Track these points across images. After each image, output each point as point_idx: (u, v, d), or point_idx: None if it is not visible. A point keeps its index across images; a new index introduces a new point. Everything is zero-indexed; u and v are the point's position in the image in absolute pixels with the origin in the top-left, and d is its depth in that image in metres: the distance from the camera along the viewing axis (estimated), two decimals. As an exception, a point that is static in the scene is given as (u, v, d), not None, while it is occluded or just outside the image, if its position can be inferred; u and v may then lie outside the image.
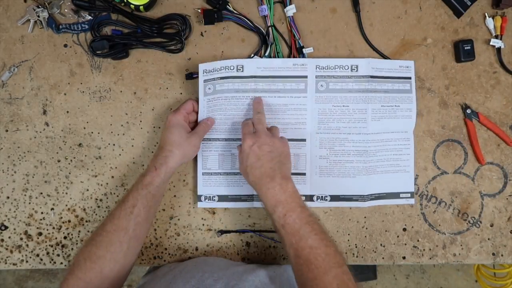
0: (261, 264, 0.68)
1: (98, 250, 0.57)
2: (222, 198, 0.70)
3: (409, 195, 0.72)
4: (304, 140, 0.69)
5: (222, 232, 0.72)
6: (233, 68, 0.68)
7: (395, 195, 0.71)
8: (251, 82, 0.68)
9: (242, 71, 0.68)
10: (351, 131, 0.69)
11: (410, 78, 0.70)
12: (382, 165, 0.70)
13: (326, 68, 0.68)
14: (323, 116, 0.69)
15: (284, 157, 0.61)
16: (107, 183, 0.72)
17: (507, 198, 0.73)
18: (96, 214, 0.72)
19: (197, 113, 0.69)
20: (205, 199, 0.70)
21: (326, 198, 0.70)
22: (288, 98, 0.69)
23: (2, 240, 0.72)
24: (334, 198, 0.70)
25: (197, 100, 0.69)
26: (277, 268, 0.66)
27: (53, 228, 0.72)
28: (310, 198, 0.70)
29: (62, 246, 0.72)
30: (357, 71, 0.68)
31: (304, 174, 0.70)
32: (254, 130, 0.63)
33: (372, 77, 0.68)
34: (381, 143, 0.70)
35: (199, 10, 0.69)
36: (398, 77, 0.69)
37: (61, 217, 0.72)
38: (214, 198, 0.70)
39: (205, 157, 0.70)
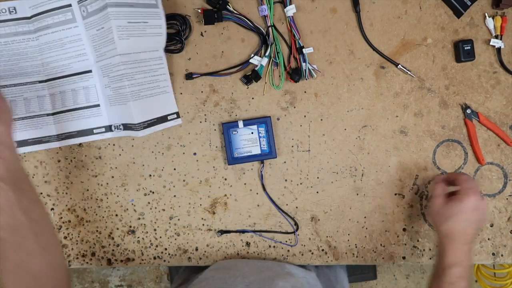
0: (295, 266, 0.69)
1: None
2: (22, 143, 0.70)
3: (175, 115, 0.70)
4: (90, 71, 0.68)
5: (222, 232, 0.72)
6: (5, 11, 0.66)
7: (164, 119, 0.69)
8: (28, 23, 0.67)
9: (16, 13, 0.66)
10: (110, 54, 0.65)
11: None
12: (143, 88, 0.67)
13: None
14: (95, 43, 0.67)
15: (483, 222, 0.64)
16: (107, 183, 0.72)
17: (507, 198, 0.73)
18: (96, 214, 0.72)
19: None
20: None
21: (120, 127, 0.69)
22: (60, 32, 0.67)
23: (2, 240, 0.72)
24: (126, 127, 0.68)
25: None
26: (307, 274, 0.67)
27: (53, 228, 0.72)
28: (109, 128, 0.70)
29: (62, 246, 0.72)
30: None
31: (98, 105, 0.69)
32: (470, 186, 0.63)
33: None
34: (135, 64, 0.66)
35: (199, 10, 0.69)
36: None
37: (61, 217, 0.72)
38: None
39: None
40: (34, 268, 0.51)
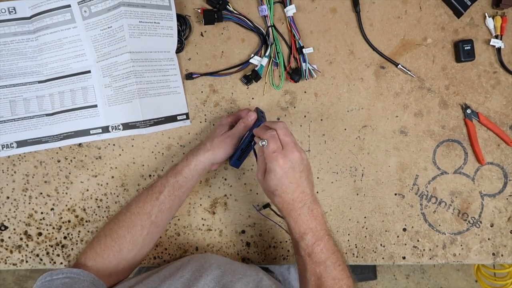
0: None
1: (120, 229, 0.59)
2: (21, 144, 0.70)
3: (184, 116, 0.71)
4: (89, 72, 0.69)
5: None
6: (5, 11, 0.67)
7: (173, 118, 0.70)
8: (27, 23, 0.67)
9: (15, 13, 0.67)
10: (117, 52, 0.66)
11: None
12: (152, 87, 0.68)
13: None
14: (96, 43, 0.68)
15: (309, 171, 0.56)
16: (107, 183, 0.72)
17: (507, 198, 0.73)
18: (96, 214, 0.72)
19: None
20: (3, 148, 0.70)
21: (118, 127, 0.69)
22: (59, 32, 0.68)
23: (2, 240, 0.72)
24: (126, 126, 0.69)
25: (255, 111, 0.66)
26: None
27: (53, 228, 0.72)
28: (106, 129, 0.70)
29: (62, 246, 0.72)
30: None
31: (95, 106, 0.69)
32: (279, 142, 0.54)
33: None
34: (145, 63, 0.68)
35: (199, 10, 0.69)
36: None
37: (61, 217, 0.72)
38: (12, 145, 0.70)
39: None
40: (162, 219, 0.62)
